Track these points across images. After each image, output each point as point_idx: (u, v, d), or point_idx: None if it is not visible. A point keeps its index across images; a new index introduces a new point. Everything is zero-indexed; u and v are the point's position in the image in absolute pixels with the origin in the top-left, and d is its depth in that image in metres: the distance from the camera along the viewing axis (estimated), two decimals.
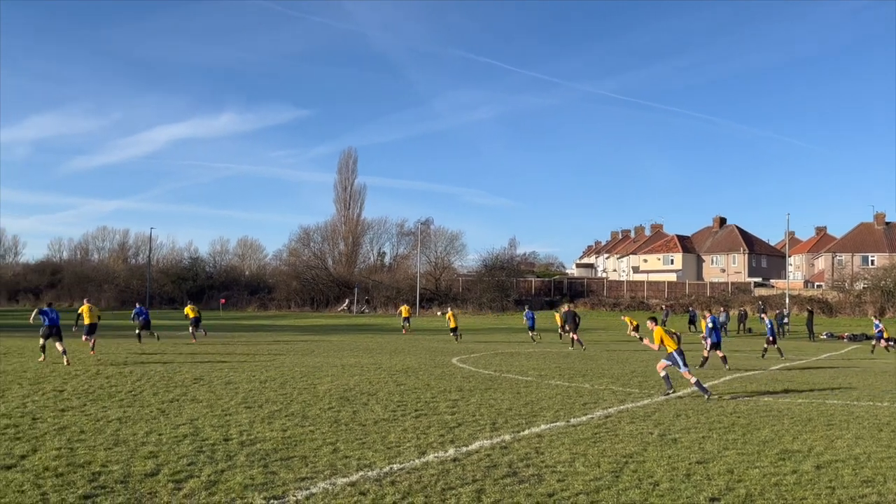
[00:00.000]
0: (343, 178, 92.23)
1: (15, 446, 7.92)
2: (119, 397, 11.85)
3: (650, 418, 10.78)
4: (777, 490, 6.77)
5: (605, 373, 17.94)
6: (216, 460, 7.49)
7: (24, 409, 10.50)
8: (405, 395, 12.92)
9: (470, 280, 75.25)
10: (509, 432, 9.42)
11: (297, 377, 15.40)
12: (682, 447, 8.66)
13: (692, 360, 16.18)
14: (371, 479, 6.87)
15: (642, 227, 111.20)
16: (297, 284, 76.57)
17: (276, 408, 11.10)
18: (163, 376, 15.00)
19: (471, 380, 15.67)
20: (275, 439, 8.64)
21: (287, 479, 6.80)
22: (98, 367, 16.57)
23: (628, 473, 7.28)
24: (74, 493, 6.14)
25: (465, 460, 7.72)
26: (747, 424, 10.39)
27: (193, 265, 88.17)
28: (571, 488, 6.67)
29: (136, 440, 8.41)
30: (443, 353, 24.42)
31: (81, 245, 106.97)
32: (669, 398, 13.14)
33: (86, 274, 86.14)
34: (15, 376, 14.53)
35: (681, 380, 14.66)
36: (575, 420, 10.51)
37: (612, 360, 22.30)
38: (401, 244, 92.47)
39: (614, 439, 9.06)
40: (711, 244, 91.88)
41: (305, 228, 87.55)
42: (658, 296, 70.92)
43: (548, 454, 8.10)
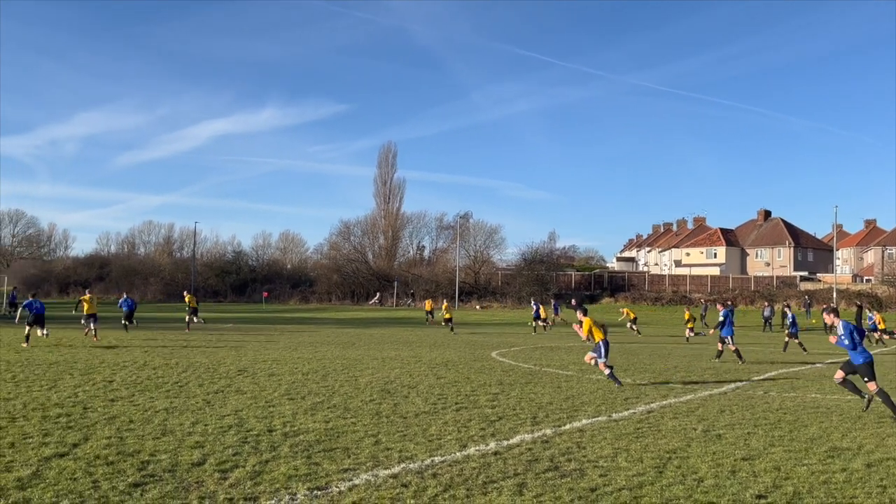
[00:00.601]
0: (383, 172, 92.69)
1: (67, 435, 8.14)
2: (166, 388, 12.10)
3: (693, 414, 10.64)
4: (826, 488, 6.63)
5: (647, 368, 17.77)
6: (260, 451, 7.61)
7: (75, 398, 10.79)
8: (445, 388, 12.96)
9: (509, 274, 75.08)
10: (550, 426, 9.39)
11: (338, 369, 15.55)
12: (727, 443, 8.53)
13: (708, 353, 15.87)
14: (413, 471, 6.91)
15: (685, 221, 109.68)
16: (337, 278, 77.25)
17: (318, 399, 11.22)
18: (207, 368, 15.27)
19: (511, 374, 15.64)
20: (317, 430, 8.74)
21: (330, 470, 6.87)
22: (145, 359, 16.93)
23: (672, 469, 7.21)
24: (124, 481, 6.29)
25: (506, 454, 7.72)
26: (794, 421, 10.20)
27: (237, 259, 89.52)
28: (614, 483, 6.62)
29: (183, 430, 8.58)
30: (482, 346, 24.42)
31: (128, 239, 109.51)
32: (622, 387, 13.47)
33: (132, 267, 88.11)
34: (66, 367, 14.92)
35: (725, 375, 14.48)
36: (617, 415, 10.43)
37: (654, 355, 22.07)
38: (440, 238, 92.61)
39: (657, 435, 8.96)
40: (756, 237, 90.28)
41: (346, 222, 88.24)
42: (701, 290, 69.95)
43: (589, 449, 8.06)
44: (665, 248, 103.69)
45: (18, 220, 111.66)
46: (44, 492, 5.89)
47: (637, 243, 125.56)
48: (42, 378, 13.02)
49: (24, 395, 11.02)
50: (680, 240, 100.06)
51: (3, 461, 6.85)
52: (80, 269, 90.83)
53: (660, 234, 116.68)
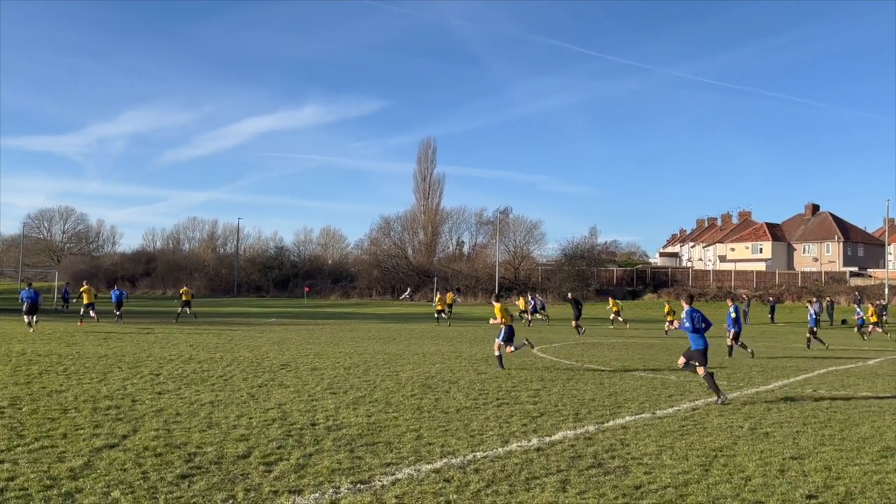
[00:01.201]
0: (422, 167, 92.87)
1: (117, 426, 8.31)
2: (211, 382, 12.30)
3: (740, 411, 10.45)
4: (879, 489, 6.45)
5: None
6: (304, 444, 7.68)
7: (124, 391, 11.02)
8: (486, 383, 12.94)
9: (549, 269, 74.65)
10: (593, 423, 9.31)
11: (379, 364, 15.63)
12: (775, 442, 8.36)
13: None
14: (455, 466, 6.91)
15: (729, 215, 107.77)
16: (377, 273, 77.69)
17: (360, 394, 11.29)
18: (251, 362, 15.48)
19: (552, 370, 15.55)
20: (360, 425, 8.79)
21: (373, 464, 6.91)
22: (191, 353, 17.22)
23: (718, 467, 7.08)
24: (172, 472, 6.40)
25: (548, 450, 7.67)
26: (845, 420, 9.94)
27: (279, 254, 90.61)
28: (659, 481, 6.53)
29: (228, 423, 8.70)
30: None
31: (173, 235, 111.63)
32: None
33: (177, 263, 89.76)
34: (115, 360, 15.26)
35: (772, 373, 14.16)
36: (661, 412, 10.29)
37: None
38: (479, 233, 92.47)
39: (702, 432, 8.82)
40: (803, 232, 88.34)
41: (386, 218, 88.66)
42: (746, 285, 68.72)
43: (633, 446, 7.97)
44: (709, 243, 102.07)
45: (69, 217, 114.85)
46: (95, 482, 6.02)
47: (680, 238, 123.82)
48: (92, 371, 13.34)
49: (75, 387, 11.29)
50: (724, 235, 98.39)
51: (56, 451, 7.02)
52: (127, 264, 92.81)
53: (704, 228, 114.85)
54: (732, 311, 20.70)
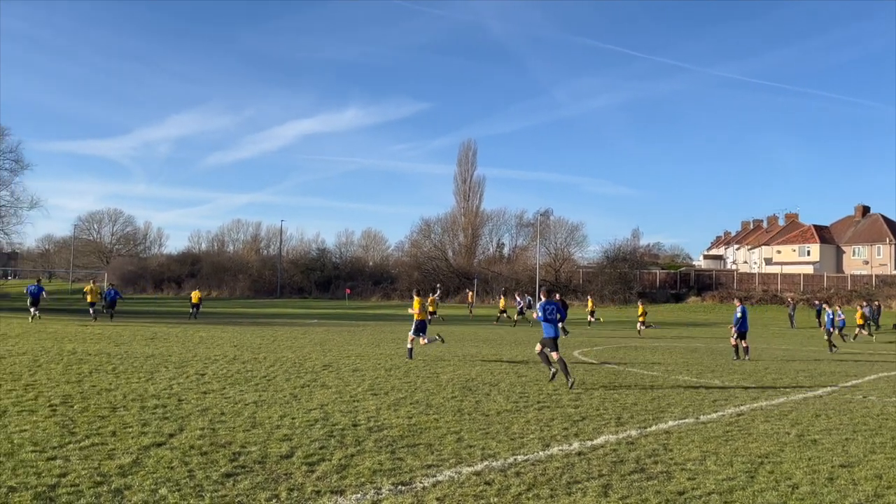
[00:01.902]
0: (462, 170, 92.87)
1: (164, 425, 8.49)
2: (254, 382, 12.47)
3: (786, 417, 10.24)
4: None
5: (737, 369, 17.21)
6: (346, 445, 7.74)
7: (170, 390, 11.25)
8: (527, 386, 12.89)
9: (591, 272, 74.05)
10: (635, 427, 9.21)
11: (420, 366, 15.68)
12: (823, 449, 8.18)
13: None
14: (496, 469, 6.90)
15: (776, 217, 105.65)
16: (418, 275, 77.85)
17: (401, 395, 11.35)
18: (294, 363, 15.66)
19: (593, 373, 15.44)
20: (401, 426, 8.83)
21: (414, 465, 6.94)
22: (235, 353, 17.49)
23: (764, 474, 6.95)
24: (217, 471, 6.52)
25: (590, 454, 7.62)
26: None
27: (321, 256, 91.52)
28: (703, 487, 6.44)
29: (272, 423, 8.82)
30: (564, 345, 24.16)
31: (218, 237, 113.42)
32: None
33: (222, 264, 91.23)
34: (161, 360, 15.58)
35: (820, 378, 13.85)
36: (705, 417, 10.14)
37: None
38: (520, 235, 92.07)
39: (748, 438, 8.67)
40: (853, 234, 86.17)
41: (426, 220, 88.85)
42: (793, 289, 67.29)
43: (677, 451, 7.86)
44: (755, 245, 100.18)
45: (117, 219, 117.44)
46: (143, 479, 6.16)
47: (725, 241, 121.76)
48: (139, 370, 13.63)
49: (123, 386, 11.56)
50: (771, 237, 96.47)
51: (106, 449, 7.20)
52: (173, 265, 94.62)
53: (749, 231, 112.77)
54: (739, 311, 20.67)
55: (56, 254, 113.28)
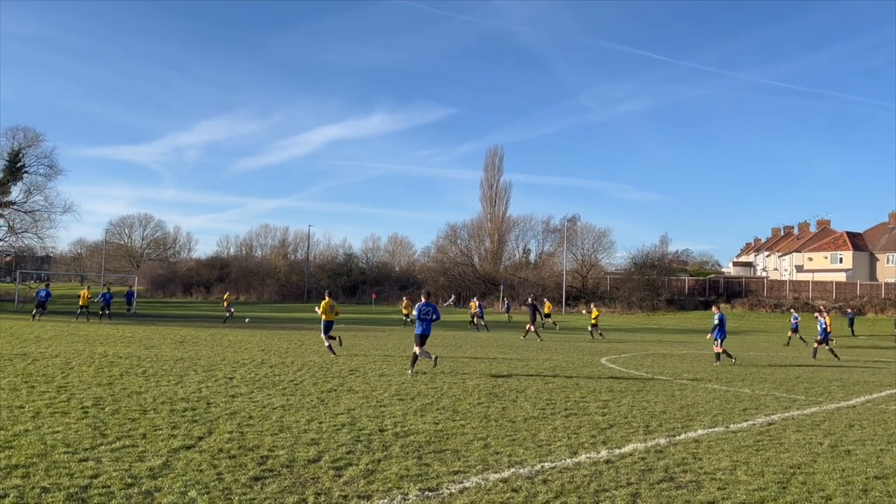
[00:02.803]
0: (489, 175, 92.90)
1: (193, 428, 8.57)
2: (282, 386, 12.55)
3: (819, 427, 10.07)
4: None
5: (767, 377, 16.97)
6: (373, 450, 7.76)
7: (199, 394, 11.35)
8: (554, 393, 12.82)
9: (618, 278, 73.52)
10: (664, 436, 9.12)
11: (446, 372, 15.66)
12: (857, 460, 8.02)
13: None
14: (523, 476, 6.86)
15: (807, 224, 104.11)
16: (444, 280, 77.97)
17: (427, 401, 11.34)
18: (321, 367, 15.73)
19: (621, 380, 15.31)
20: (427, 432, 8.83)
21: (441, 471, 6.92)
22: (262, 358, 17.61)
23: (796, 485, 6.84)
24: (246, 474, 6.56)
25: (618, 462, 7.55)
26: None
27: (348, 261, 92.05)
28: (733, 497, 6.35)
29: (299, 427, 8.86)
30: (591, 352, 24.04)
31: (246, 242, 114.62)
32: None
33: (250, 269, 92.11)
34: (191, 363, 15.74)
35: (854, 387, 13.57)
36: (735, 426, 10.00)
37: (775, 365, 21.07)
38: (546, 241, 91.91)
39: (779, 448, 8.54)
40: (887, 241, 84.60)
41: (452, 226, 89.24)
42: (825, 296, 66.22)
43: (706, 460, 7.76)
44: (785, 252, 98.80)
45: (148, 224, 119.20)
46: (173, 482, 6.22)
47: (755, 247, 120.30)
48: (169, 373, 13.78)
49: (153, 389, 11.69)
50: (802, 244, 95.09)
51: (137, 451, 7.28)
52: (202, 270, 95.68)
53: (780, 237, 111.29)
54: (716, 319, 20.89)
55: (88, 258, 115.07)
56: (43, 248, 73.63)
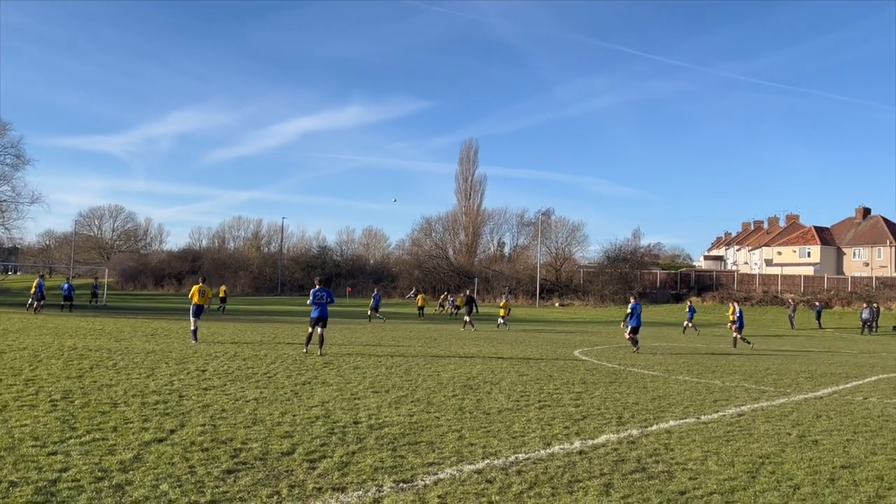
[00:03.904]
0: (464, 168, 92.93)
1: (165, 421, 8.48)
2: (255, 379, 12.47)
3: (787, 418, 10.24)
4: None
5: (737, 369, 17.21)
6: (347, 442, 7.74)
7: (171, 386, 11.24)
8: (528, 385, 12.89)
9: (591, 271, 74.02)
10: (636, 427, 9.21)
11: (421, 364, 15.68)
12: (825, 450, 8.17)
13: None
14: (497, 467, 6.89)
15: (776, 218, 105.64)
16: (419, 273, 77.93)
17: (402, 393, 11.34)
18: (294, 360, 15.65)
19: (594, 372, 15.43)
20: (402, 424, 8.83)
21: (415, 463, 6.93)
22: (236, 350, 17.48)
23: (765, 475, 6.95)
24: (219, 467, 6.51)
25: (591, 453, 7.61)
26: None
27: (322, 254, 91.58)
28: (704, 487, 6.43)
29: (273, 420, 8.81)
30: (564, 344, 24.19)
31: (219, 234, 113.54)
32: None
33: (223, 261, 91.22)
34: (162, 356, 15.57)
35: (821, 379, 13.81)
36: (706, 417, 10.13)
37: (744, 357, 21.36)
38: (521, 234, 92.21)
39: (749, 438, 8.66)
40: (853, 236, 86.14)
41: (427, 219, 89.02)
42: (793, 290, 67.26)
43: (678, 451, 7.86)
44: (755, 246, 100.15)
45: (118, 215, 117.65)
46: (144, 475, 6.15)
47: (726, 241, 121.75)
48: (140, 366, 13.63)
49: (124, 381, 11.55)
50: (771, 238, 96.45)
51: (107, 444, 7.19)
52: (174, 262, 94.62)
53: (750, 231, 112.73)
54: (629, 308, 22.01)
55: (57, 249, 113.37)
56: (10, 238, 72.23)
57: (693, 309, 36.72)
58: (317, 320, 17.26)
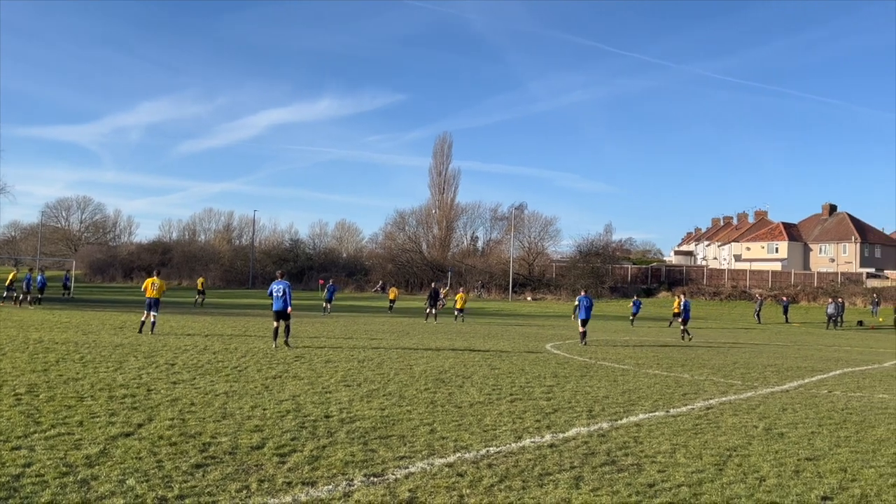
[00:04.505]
0: (438, 162, 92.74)
1: (133, 415, 8.37)
2: (225, 372, 12.35)
3: (754, 411, 10.39)
4: (895, 492, 6.39)
5: (706, 363, 17.42)
6: (318, 436, 7.70)
7: (139, 380, 11.10)
8: (500, 378, 12.93)
9: (564, 266, 74.46)
10: (607, 420, 9.28)
11: (393, 358, 15.65)
12: (790, 442, 8.30)
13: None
14: (468, 460, 6.90)
15: (745, 214, 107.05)
16: (392, 267, 77.76)
17: (374, 387, 11.31)
18: (265, 353, 15.54)
19: (565, 366, 15.52)
20: (373, 418, 8.80)
21: (386, 457, 6.91)
22: (206, 344, 17.30)
23: (732, 467, 7.04)
24: (187, 461, 6.44)
25: (562, 446, 7.65)
26: (861, 422, 9.87)
27: (294, 247, 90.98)
28: (673, 479, 6.50)
29: (243, 414, 8.74)
30: (536, 338, 24.31)
31: (189, 226, 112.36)
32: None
33: (193, 253, 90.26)
34: (131, 349, 15.37)
35: (787, 373, 14.03)
36: (675, 410, 10.24)
37: (713, 351, 21.64)
38: (494, 229, 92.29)
39: (717, 431, 8.78)
40: (820, 232, 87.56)
41: (401, 212, 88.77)
42: (761, 285, 68.27)
43: (647, 444, 7.93)
44: (725, 242, 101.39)
45: (86, 207, 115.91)
46: (111, 470, 6.07)
47: (696, 237, 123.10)
48: (108, 360, 13.44)
49: (91, 375, 11.38)
50: (740, 234, 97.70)
51: (73, 439, 7.08)
52: (143, 254, 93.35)
53: (719, 227, 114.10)
54: (576, 300, 22.58)
55: (23, 241, 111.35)
56: None
57: (638, 304, 38.73)
58: (278, 314, 17.41)
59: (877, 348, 26.22)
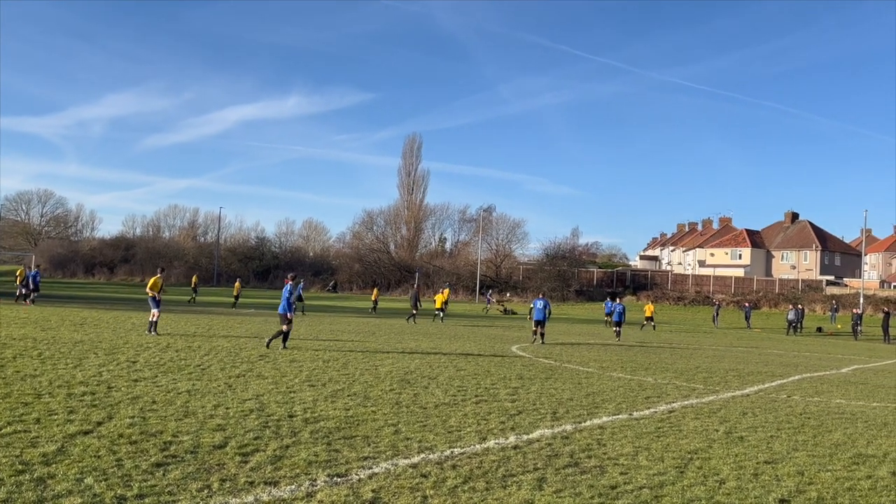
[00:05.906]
0: (407, 163, 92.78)
1: (92, 413, 8.22)
2: (188, 371, 12.20)
3: (715, 415, 10.54)
4: (851, 495, 6.53)
5: (669, 367, 17.63)
6: (281, 436, 7.64)
7: (99, 377, 10.91)
8: (465, 380, 12.94)
9: (531, 269, 74.91)
10: (570, 422, 9.34)
11: (358, 358, 15.59)
12: (749, 446, 8.44)
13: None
14: (432, 461, 6.90)
15: (710, 220, 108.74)
16: (359, 267, 77.58)
17: (338, 387, 11.26)
18: (229, 352, 15.38)
19: (531, 368, 15.60)
20: (338, 418, 8.76)
21: (350, 457, 6.88)
22: (168, 341, 17.07)
23: (693, 470, 7.14)
24: (147, 460, 6.34)
25: (525, 448, 7.69)
26: (818, 426, 10.07)
27: (260, 245, 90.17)
28: (634, 482, 6.57)
29: (205, 413, 8.63)
30: (502, 340, 24.39)
31: (153, 222, 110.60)
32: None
33: (157, 250, 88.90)
34: (91, 346, 15.10)
35: (748, 378, 14.23)
36: (637, 413, 10.35)
37: (676, 355, 21.91)
38: (462, 230, 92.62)
39: (678, 434, 8.89)
40: (782, 240, 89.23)
41: (369, 212, 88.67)
42: (724, 290, 69.33)
43: (610, 446, 8.00)
44: (689, 247, 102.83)
45: (47, 200, 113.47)
46: (68, 468, 5.95)
47: (661, 242, 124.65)
48: (67, 356, 13.19)
49: (49, 372, 11.16)
50: (705, 240, 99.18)
51: (29, 437, 6.93)
52: (105, 250, 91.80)
53: (684, 233, 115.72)
54: (533, 303, 23.70)
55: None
56: None
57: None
58: (284, 317, 17.19)
59: (835, 354, 26.78)
